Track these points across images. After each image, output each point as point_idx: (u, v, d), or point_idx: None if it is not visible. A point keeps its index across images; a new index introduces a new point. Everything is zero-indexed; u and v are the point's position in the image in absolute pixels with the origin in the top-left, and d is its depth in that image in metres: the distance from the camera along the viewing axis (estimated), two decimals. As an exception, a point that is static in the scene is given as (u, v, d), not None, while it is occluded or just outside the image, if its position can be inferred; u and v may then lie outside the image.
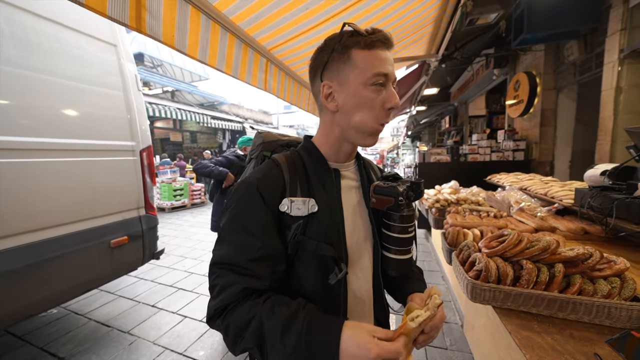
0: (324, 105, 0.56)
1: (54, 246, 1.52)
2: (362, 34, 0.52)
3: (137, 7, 0.92)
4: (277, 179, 0.54)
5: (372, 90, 0.52)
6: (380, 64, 0.51)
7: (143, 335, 1.95)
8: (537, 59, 3.45)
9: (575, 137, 3.42)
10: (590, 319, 0.85)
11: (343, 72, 0.53)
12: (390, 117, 0.55)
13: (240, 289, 0.47)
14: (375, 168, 0.73)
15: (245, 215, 0.51)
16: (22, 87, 1.43)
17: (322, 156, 0.59)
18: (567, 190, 1.67)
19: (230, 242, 0.51)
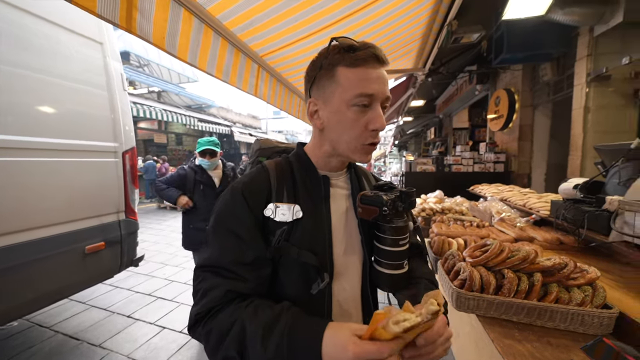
0: (309, 121, 0.57)
1: (21, 252, 1.40)
2: (349, 51, 0.50)
3: (128, 7, 0.91)
4: (263, 184, 0.54)
5: (355, 110, 0.50)
6: (364, 84, 0.48)
7: (116, 349, 1.82)
8: (515, 77, 3.68)
9: (550, 151, 3.65)
10: (565, 326, 0.89)
11: (328, 90, 0.52)
12: (377, 137, 0.52)
13: (223, 292, 0.46)
14: (370, 177, 0.70)
15: (229, 218, 0.51)
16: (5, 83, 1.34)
17: (312, 164, 0.59)
18: (543, 202, 1.77)
19: (214, 244, 0.51)
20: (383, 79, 0.50)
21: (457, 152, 4.09)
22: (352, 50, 0.49)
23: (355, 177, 0.63)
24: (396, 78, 4.18)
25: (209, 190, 2.06)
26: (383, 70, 0.51)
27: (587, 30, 2.50)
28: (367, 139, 0.51)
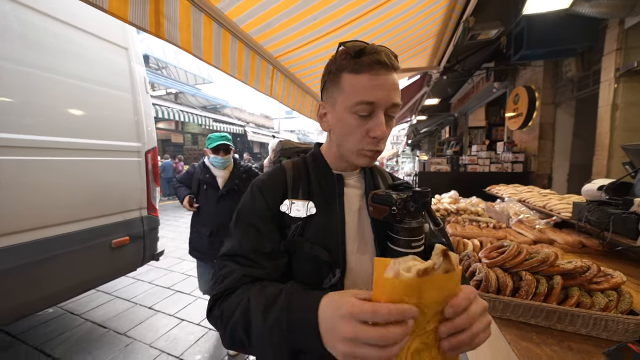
0: (320, 124, 0.59)
1: (55, 244, 1.52)
2: (355, 56, 0.49)
3: (156, 14, 0.97)
4: (280, 182, 0.58)
5: (356, 118, 0.50)
6: (365, 91, 0.48)
7: (139, 338, 1.93)
8: (536, 74, 3.54)
9: (573, 151, 3.48)
10: (587, 331, 0.86)
11: (334, 95, 0.53)
12: (379, 145, 0.51)
13: (239, 276, 0.49)
14: (387, 176, 0.70)
15: (249, 213, 0.55)
16: (32, 85, 1.46)
17: (326, 163, 0.61)
18: (565, 204, 1.70)
19: (235, 236, 0.54)
20: (388, 85, 0.48)
21: (472, 152, 3.98)
22: (357, 56, 0.49)
23: (370, 177, 0.63)
24: (410, 76, 4.12)
25: (211, 191, 1.85)
26: (390, 75, 0.49)
27: (617, 22, 2.37)
28: (367, 146, 0.51)
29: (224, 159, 1.85)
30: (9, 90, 1.36)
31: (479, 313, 0.35)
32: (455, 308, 0.33)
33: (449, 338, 0.33)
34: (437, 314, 0.33)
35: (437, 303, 0.32)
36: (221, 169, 1.87)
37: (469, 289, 0.35)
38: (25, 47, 1.42)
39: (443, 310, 0.33)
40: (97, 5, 0.78)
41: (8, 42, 1.36)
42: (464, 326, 0.33)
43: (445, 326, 0.33)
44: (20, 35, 1.40)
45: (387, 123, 0.51)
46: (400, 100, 0.51)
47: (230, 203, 1.83)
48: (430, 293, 0.31)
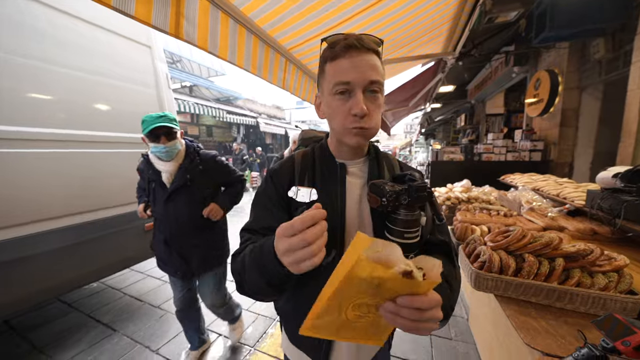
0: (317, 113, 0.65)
1: (98, 227, 1.72)
2: (332, 47, 0.55)
3: (177, 16, 1.04)
4: (288, 170, 0.65)
5: (338, 98, 0.55)
6: (340, 74, 0.53)
7: (171, 310, 2.13)
8: (560, 56, 3.34)
9: (599, 138, 3.31)
10: (586, 309, 0.91)
11: (322, 84, 0.60)
12: (362, 122, 0.54)
13: (250, 241, 0.59)
14: (395, 166, 0.70)
15: (262, 196, 0.65)
16: (68, 84, 1.61)
17: (330, 152, 0.66)
18: (579, 192, 1.68)
19: (252, 214, 0.65)
20: (363, 65, 0.52)
21: (488, 141, 3.88)
22: (333, 46, 0.55)
23: (375, 165, 0.65)
24: (424, 63, 4.02)
25: (159, 190, 1.42)
26: (364, 56, 0.53)
27: (652, -2, 2.20)
28: (351, 124, 0.55)
29: (168, 147, 1.34)
30: (48, 89, 1.52)
31: (429, 319, 0.39)
32: (409, 302, 0.37)
33: (388, 313, 0.39)
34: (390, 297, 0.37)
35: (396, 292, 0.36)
36: (166, 161, 1.38)
37: (434, 299, 0.38)
38: (60, 49, 1.57)
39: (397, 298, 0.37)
40: (125, 12, 0.86)
41: (43, 44, 1.50)
42: (406, 316, 0.38)
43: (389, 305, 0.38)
44: (53, 37, 1.55)
45: (371, 100, 0.54)
46: (379, 77, 0.54)
47: (184, 203, 1.42)
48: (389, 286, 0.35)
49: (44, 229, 1.50)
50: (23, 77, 1.42)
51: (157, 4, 0.93)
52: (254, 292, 0.53)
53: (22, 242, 1.41)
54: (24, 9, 1.41)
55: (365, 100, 0.53)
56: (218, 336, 1.90)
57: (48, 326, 1.96)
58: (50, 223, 1.53)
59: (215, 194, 1.56)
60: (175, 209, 1.43)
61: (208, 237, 1.53)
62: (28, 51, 1.43)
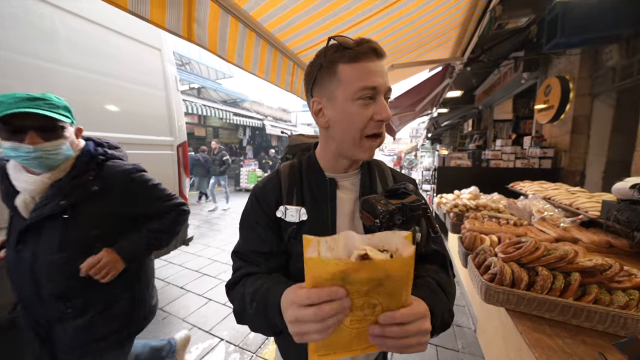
0: (315, 120, 0.59)
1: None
2: (348, 47, 0.51)
3: (189, 20, 1.05)
4: (274, 188, 0.61)
5: (360, 104, 0.51)
6: (367, 77, 0.50)
7: (174, 313, 2.16)
8: (571, 63, 3.29)
9: (612, 146, 3.22)
10: (604, 327, 0.87)
11: (330, 88, 0.53)
12: (382, 128, 0.53)
13: (242, 274, 0.57)
14: (389, 177, 0.66)
15: (249, 215, 0.62)
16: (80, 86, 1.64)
17: (319, 167, 0.61)
18: (594, 202, 1.63)
19: (241, 235, 0.62)
20: (383, 71, 0.52)
21: (497, 147, 3.82)
22: (352, 47, 0.51)
23: (367, 177, 0.62)
24: (431, 68, 3.99)
25: (17, 222, 0.87)
26: (382, 63, 0.53)
27: (669, 4, 2.14)
28: (372, 130, 0.52)
29: (41, 151, 0.80)
30: (58, 89, 1.54)
31: (414, 333, 0.38)
32: (390, 319, 0.37)
33: (376, 338, 0.38)
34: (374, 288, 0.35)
35: (370, 280, 0.34)
36: (34, 172, 0.85)
37: (415, 310, 0.38)
38: (73, 52, 1.59)
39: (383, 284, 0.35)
40: (140, 15, 0.86)
41: (57, 47, 1.53)
42: (392, 335, 0.37)
43: (374, 328, 0.38)
44: (66, 39, 1.58)
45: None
46: (390, 86, 0.54)
47: (50, 247, 0.85)
48: (359, 277, 0.34)
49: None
50: (33, 78, 1.44)
51: (170, 8, 0.94)
52: (256, 330, 0.53)
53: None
54: (35, 11, 1.44)
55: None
56: (220, 340, 1.88)
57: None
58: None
59: (120, 232, 0.95)
60: (32, 256, 0.84)
61: (99, 309, 0.91)
62: (39, 52, 1.46)
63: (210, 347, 1.82)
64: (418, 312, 0.38)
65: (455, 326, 2.05)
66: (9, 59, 1.33)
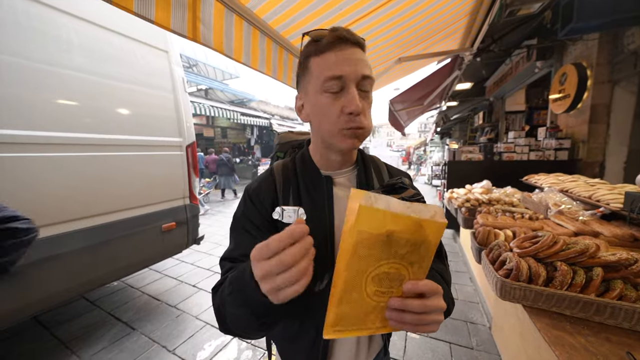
0: (298, 116, 0.58)
1: (119, 227, 1.79)
2: (317, 40, 0.50)
3: (194, 20, 1.05)
4: (269, 189, 0.58)
5: (328, 97, 0.49)
6: (332, 67, 0.47)
7: (187, 310, 2.21)
8: (588, 49, 3.13)
9: (634, 135, 3.06)
10: (631, 325, 0.82)
11: (305, 83, 0.53)
12: (357, 121, 0.49)
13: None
14: (384, 172, 0.64)
15: (242, 218, 0.57)
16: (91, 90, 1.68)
17: (314, 164, 0.59)
18: (615, 194, 1.55)
19: (232, 240, 0.57)
20: (354, 59, 0.48)
21: (509, 139, 3.70)
22: (319, 39, 0.50)
23: (363, 173, 0.60)
24: (439, 61, 3.89)
25: None
26: (355, 49, 0.49)
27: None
28: (345, 124, 0.49)
29: None
30: (67, 93, 1.58)
31: (433, 308, 0.38)
32: (414, 287, 0.37)
33: (394, 312, 0.38)
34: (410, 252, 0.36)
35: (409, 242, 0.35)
36: None
37: (436, 285, 0.38)
38: (82, 57, 1.63)
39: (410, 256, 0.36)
40: (145, 17, 0.87)
41: (68, 53, 1.57)
42: (412, 309, 0.37)
43: (396, 301, 0.37)
44: (78, 45, 1.62)
45: (363, 98, 0.50)
46: (370, 73, 0.50)
47: None
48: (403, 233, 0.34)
49: (68, 229, 1.57)
50: (42, 82, 1.47)
51: (175, 9, 0.95)
52: (238, 327, 0.45)
53: (48, 243, 1.48)
54: (42, 16, 1.47)
55: (359, 97, 0.48)
56: (232, 338, 1.91)
57: (73, 322, 2.06)
58: (73, 224, 1.59)
59: None
60: None
61: None
62: (51, 59, 1.50)
63: (223, 344, 1.85)
64: (437, 287, 0.38)
65: (470, 323, 2.01)
66: (14, 64, 1.35)
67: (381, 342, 0.64)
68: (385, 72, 2.59)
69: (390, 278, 0.37)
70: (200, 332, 1.96)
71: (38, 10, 1.45)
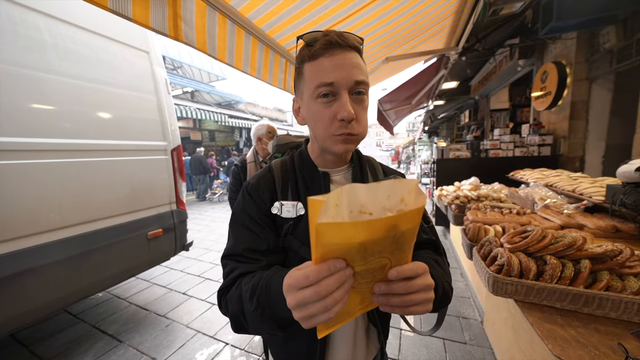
0: (295, 118, 0.60)
1: (102, 236, 1.70)
2: (310, 45, 0.50)
3: (174, 18, 1.01)
4: (268, 184, 0.59)
5: (321, 103, 0.49)
6: (322, 74, 0.48)
7: (177, 319, 2.13)
8: (567, 47, 3.25)
9: (611, 130, 3.20)
10: (618, 315, 0.84)
11: (300, 87, 0.54)
12: (349, 128, 0.49)
13: (238, 274, 0.52)
14: (379, 171, 0.66)
15: (242, 214, 0.57)
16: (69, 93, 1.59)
17: (312, 161, 0.60)
18: (597, 187, 1.60)
19: (231, 237, 0.57)
20: (347, 64, 0.48)
21: (495, 136, 3.79)
22: (312, 44, 0.50)
23: (358, 171, 0.61)
24: (426, 60, 3.95)
25: None
26: (347, 54, 0.48)
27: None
28: (337, 130, 0.49)
29: None
30: (46, 98, 1.50)
31: (419, 287, 0.37)
32: (398, 274, 0.36)
33: (381, 297, 0.37)
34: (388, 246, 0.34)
35: (385, 239, 0.32)
36: None
37: (419, 265, 0.38)
38: (57, 58, 1.55)
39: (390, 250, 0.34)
40: (122, 14, 0.83)
41: (42, 54, 1.48)
42: (398, 291, 0.37)
43: (380, 286, 0.37)
44: (53, 47, 1.53)
45: (358, 103, 0.50)
46: (364, 77, 0.50)
47: None
48: (372, 235, 0.31)
49: (47, 240, 1.48)
50: (20, 87, 1.39)
51: (154, 6, 0.90)
52: (259, 332, 0.48)
53: (25, 255, 1.39)
54: (18, 18, 1.39)
55: (352, 103, 0.48)
56: (225, 345, 1.86)
57: (54, 338, 1.94)
58: (53, 234, 1.51)
59: None
60: None
61: None
62: (25, 61, 1.41)
63: (216, 352, 1.80)
64: (422, 266, 0.38)
65: (462, 318, 2.03)
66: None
67: (377, 344, 0.64)
68: (373, 72, 2.60)
69: (372, 270, 0.36)
70: (192, 341, 1.89)
71: (5, 7, 1.36)
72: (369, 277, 0.37)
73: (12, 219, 1.35)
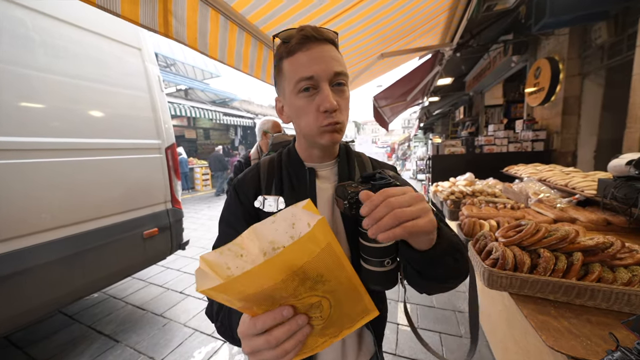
0: (279, 117, 0.60)
1: (96, 236, 1.67)
2: (286, 41, 0.50)
3: (165, 14, 0.98)
4: (253, 179, 0.60)
5: (303, 97, 0.49)
6: (301, 68, 0.48)
7: (174, 318, 2.12)
8: (560, 43, 3.28)
9: (603, 125, 3.25)
10: (608, 305, 0.86)
11: (281, 85, 0.54)
12: (334, 117, 0.49)
13: None
14: (367, 163, 0.65)
15: (226, 212, 0.59)
16: (61, 92, 1.55)
17: (298, 157, 0.60)
18: (589, 181, 1.63)
19: (219, 231, 0.59)
20: (322, 57, 0.48)
21: (489, 132, 3.83)
22: (288, 40, 0.50)
23: (346, 166, 0.60)
24: (421, 56, 3.95)
25: None
26: (323, 46, 0.49)
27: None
28: (323, 121, 0.49)
29: None
30: (37, 97, 1.46)
31: (405, 202, 0.35)
32: (368, 205, 0.36)
33: (372, 228, 0.36)
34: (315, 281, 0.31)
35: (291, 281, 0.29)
36: None
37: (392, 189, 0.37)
38: (46, 55, 1.50)
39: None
40: (111, 10, 0.80)
41: (30, 51, 1.44)
42: (382, 214, 0.35)
43: (364, 221, 0.37)
44: (42, 43, 1.49)
45: (338, 94, 0.50)
46: (343, 69, 0.50)
47: None
48: (274, 280, 0.28)
49: (40, 241, 1.45)
50: (8, 85, 1.36)
51: (143, 2, 0.88)
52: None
53: (19, 256, 1.36)
54: (2, 13, 1.35)
55: (333, 94, 0.49)
56: (223, 343, 1.86)
57: (49, 340, 1.92)
58: (46, 235, 1.48)
59: None
60: None
61: None
62: (11, 57, 1.37)
63: (214, 350, 1.80)
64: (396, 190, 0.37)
65: (457, 312, 2.06)
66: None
67: (373, 348, 0.63)
68: (368, 67, 2.59)
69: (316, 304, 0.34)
70: (189, 340, 1.89)
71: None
72: (316, 311, 0.35)
73: (4, 220, 1.32)
